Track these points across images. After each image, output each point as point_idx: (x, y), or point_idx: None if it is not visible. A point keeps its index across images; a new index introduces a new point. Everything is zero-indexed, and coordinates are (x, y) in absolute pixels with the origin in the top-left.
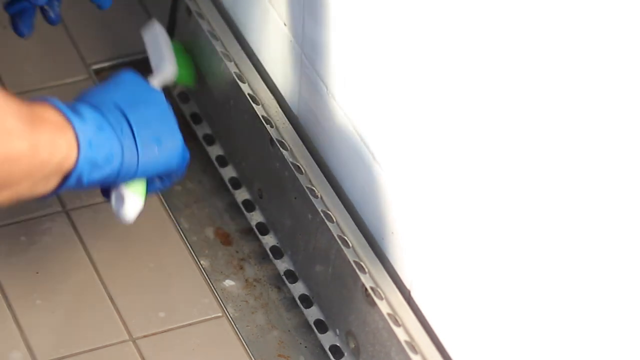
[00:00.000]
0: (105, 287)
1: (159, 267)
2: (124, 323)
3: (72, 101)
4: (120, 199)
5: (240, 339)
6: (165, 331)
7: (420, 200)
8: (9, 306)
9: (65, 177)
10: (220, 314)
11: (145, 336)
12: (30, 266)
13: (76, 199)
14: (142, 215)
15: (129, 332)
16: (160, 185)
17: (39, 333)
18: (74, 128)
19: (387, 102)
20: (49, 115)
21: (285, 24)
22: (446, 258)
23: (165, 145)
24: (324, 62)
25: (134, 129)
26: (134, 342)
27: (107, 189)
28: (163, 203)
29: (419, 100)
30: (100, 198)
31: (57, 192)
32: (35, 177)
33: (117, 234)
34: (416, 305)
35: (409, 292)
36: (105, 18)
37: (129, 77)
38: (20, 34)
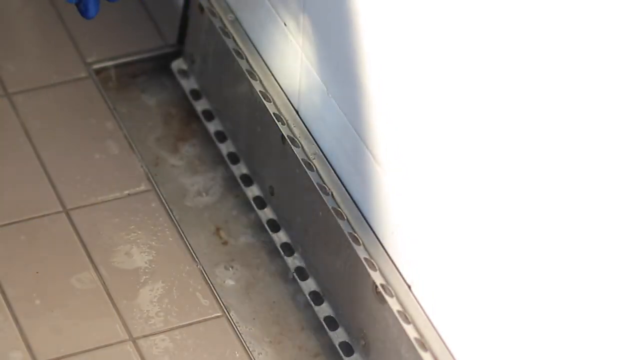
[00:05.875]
0: (105, 287)
1: (159, 267)
2: (124, 323)
3: None
4: None
5: (240, 339)
6: (165, 331)
7: (420, 202)
8: (9, 306)
9: None
10: (220, 314)
11: (145, 336)
12: (30, 266)
13: (76, 199)
14: (142, 215)
15: (129, 332)
16: None
17: (39, 333)
18: None
19: (386, 102)
20: None
21: (285, 24)
22: (445, 259)
23: None
24: (323, 62)
25: None
26: (134, 342)
27: None
28: (164, 202)
29: (417, 100)
30: (100, 198)
31: None
32: None
33: (117, 232)
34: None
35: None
36: (105, 18)
37: None
38: (88, 16)
